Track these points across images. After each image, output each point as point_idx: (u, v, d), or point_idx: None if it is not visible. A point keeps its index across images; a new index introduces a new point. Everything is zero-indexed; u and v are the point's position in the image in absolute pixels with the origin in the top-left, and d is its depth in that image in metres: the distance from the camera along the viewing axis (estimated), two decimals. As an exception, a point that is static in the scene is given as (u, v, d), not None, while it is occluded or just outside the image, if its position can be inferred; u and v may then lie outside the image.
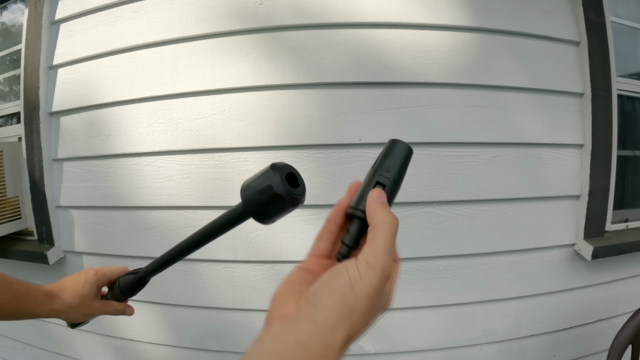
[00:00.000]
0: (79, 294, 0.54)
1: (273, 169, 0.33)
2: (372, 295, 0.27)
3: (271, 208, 0.34)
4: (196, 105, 1.22)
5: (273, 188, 0.32)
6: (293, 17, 1.16)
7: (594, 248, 1.23)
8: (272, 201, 0.33)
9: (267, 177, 0.33)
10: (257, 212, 0.35)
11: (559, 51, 1.25)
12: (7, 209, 1.49)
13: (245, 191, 0.35)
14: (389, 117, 1.17)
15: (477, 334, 1.28)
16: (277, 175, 0.32)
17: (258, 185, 0.33)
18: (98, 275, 0.56)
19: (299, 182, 0.35)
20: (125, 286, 0.56)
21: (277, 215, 0.35)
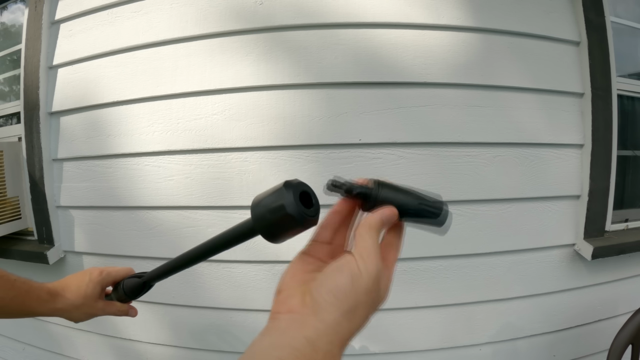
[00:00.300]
0: (83, 294, 0.54)
1: (286, 187, 0.31)
2: (372, 289, 0.29)
3: (282, 228, 0.32)
4: (196, 105, 1.22)
5: (285, 208, 0.31)
6: (293, 17, 1.16)
7: (594, 248, 1.23)
8: (284, 221, 0.31)
9: (279, 196, 0.31)
10: (267, 231, 0.33)
11: (559, 51, 1.25)
12: (7, 209, 1.49)
13: (256, 208, 0.33)
14: (389, 117, 1.17)
15: (477, 334, 1.28)
16: (291, 195, 0.31)
17: (270, 204, 0.32)
18: (102, 276, 0.56)
19: (313, 201, 0.34)
20: (130, 289, 0.56)
21: (288, 235, 0.33)
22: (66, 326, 1.47)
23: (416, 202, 0.32)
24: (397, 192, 0.32)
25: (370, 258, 0.29)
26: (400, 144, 1.18)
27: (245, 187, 1.20)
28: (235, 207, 1.22)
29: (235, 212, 1.22)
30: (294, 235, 0.33)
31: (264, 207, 0.32)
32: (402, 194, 0.32)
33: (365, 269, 0.28)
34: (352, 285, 0.28)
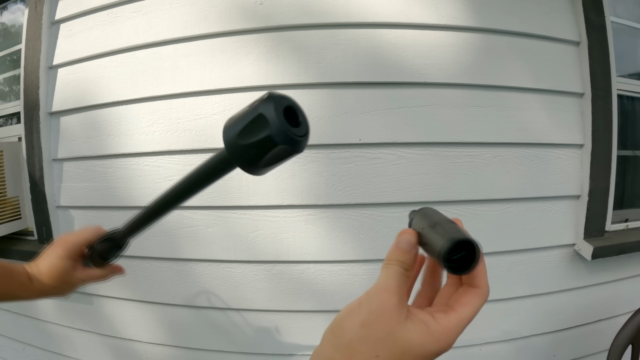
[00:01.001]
0: (57, 274, 0.52)
1: (267, 99, 0.25)
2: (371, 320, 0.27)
3: (262, 151, 0.24)
4: (196, 105, 1.22)
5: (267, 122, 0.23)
6: (293, 17, 1.16)
7: (594, 248, 1.23)
8: (264, 142, 0.24)
9: (257, 109, 0.24)
10: (244, 158, 0.26)
11: (559, 51, 1.25)
12: (7, 209, 1.49)
13: (228, 130, 0.26)
14: (390, 117, 1.17)
15: (477, 334, 1.28)
16: (271, 107, 0.24)
17: (245, 122, 0.24)
18: (68, 249, 0.52)
19: (300, 119, 0.26)
20: (104, 253, 0.52)
21: (271, 162, 0.26)
22: (66, 326, 1.47)
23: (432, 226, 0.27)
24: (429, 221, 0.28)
25: (374, 289, 0.28)
26: (400, 144, 1.18)
27: (245, 187, 1.20)
28: (234, 207, 1.22)
29: (235, 212, 1.22)
30: (278, 163, 0.26)
31: (236, 124, 0.25)
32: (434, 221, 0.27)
33: (366, 300, 0.27)
34: (346, 319, 0.27)
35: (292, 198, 1.18)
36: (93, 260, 0.54)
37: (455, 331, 0.28)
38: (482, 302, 0.29)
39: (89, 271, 0.54)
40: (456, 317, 0.28)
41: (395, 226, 1.21)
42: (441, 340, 0.27)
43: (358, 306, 0.27)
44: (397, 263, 0.29)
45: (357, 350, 0.26)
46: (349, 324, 0.27)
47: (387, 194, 1.17)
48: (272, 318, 1.26)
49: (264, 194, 1.20)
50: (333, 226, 1.20)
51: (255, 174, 0.27)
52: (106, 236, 0.52)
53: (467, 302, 0.29)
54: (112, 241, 0.51)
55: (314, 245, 1.20)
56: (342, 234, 1.19)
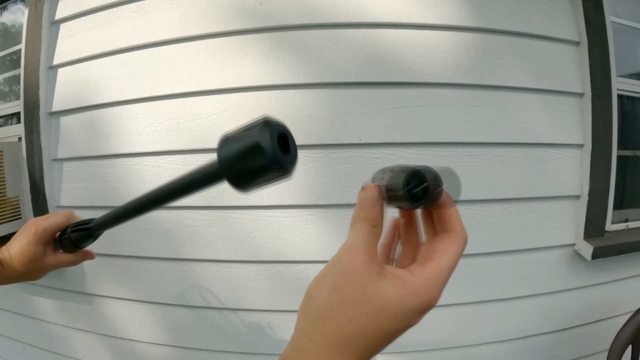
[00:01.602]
0: (27, 260, 0.52)
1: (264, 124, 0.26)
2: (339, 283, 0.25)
3: (253, 173, 0.26)
4: (196, 105, 1.22)
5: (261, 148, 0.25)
6: (293, 17, 1.16)
7: (594, 248, 1.23)
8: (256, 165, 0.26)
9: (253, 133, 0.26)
10: (234, 176, 0.28)
11: (559, 51, 1.25)
12: (7, 209, 1.49)
13: (224, 147, 0.27)
14: (390, 117, 1.17)
15: (477, 334, 1.28)
16: (267, 134, 0.26)
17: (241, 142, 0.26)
18: (39, 234, 0.52)
19: (290, 146, 0.28)
20: (77, 240, 0.52)
21: (259, 183, 0.28)
22: (66, 326, 1.47)
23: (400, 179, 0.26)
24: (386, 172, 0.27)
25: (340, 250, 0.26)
26: (400, 144, 1.18)
27: (245, 187, 1.20)
28: (234, 207, 1.22)
29: (235, 212, 1.22)
30: (265, 184, 0.28)
31: (233, 146, 0.27)
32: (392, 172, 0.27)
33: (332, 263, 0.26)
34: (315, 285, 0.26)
35: (292, 198, 1.18)
36: (64, 246, 0.53)
37: (437, 281, 0.26)
38: (460, 247, 0.28)
39: (59, 256, 0.54)
40: (434, 265, 0.26)
41: (395, 226, 1.20)
42: (422, 294, 0.25)
43: (325, 271, 0.26)
44: (362, 220, 0.27)
45: (329, 316, 0.24)
46: (318, 290, 0.26)
47: (387, 194, 1.16)
48: (272, 318, 1.26)
49: (264, 194, 1.20)
50: (333, 226, 1.20)
51: (242, 192, 0.29)
52: (80, 224, 0.52)
53: (444, 248, 0.27)
54: (87, 230, 0.51)
55: (314, 245, 1.20)
56: (342, 234, 1.19)
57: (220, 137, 0.28)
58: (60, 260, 0.54)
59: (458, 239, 0.28)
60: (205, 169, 0.31)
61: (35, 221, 0.53)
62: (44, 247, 0.53)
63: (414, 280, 0.25)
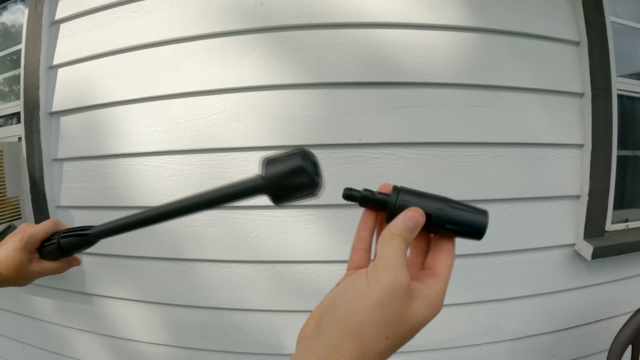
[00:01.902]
0: (12, 266, 0.51)
1: (304, 152, 0.33)
2: (384, 303, 0.25)
3: (295, 190, 0.33)
4: (196, 105, 1.22)
5: (305, 171, 0.32)
6: (293, 17, 1.16)
7: (594, 248, 1.23)
8: (299, 184, 0.32)
9: (297, 158, 0.32)
10: (278, 192, 0.33)
11: (559, 51, 1.24)
12: (7, 209, 1.49)
13: (271, 167, 0.33)
14: (389, 117, 1.17)
15: (477, 334, 1.28)
16: (309, 159, 0.33)
17: (286, 163, 0.33)
18: (25, 241, 0.51)
19: (319, 172, 0.35)
20: (68, 247, 0.51)
21: (295, 199, 0.34)
22: (66, 326, 1.47)
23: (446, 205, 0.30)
24: (421, 197, 0.30)
25: (384, 267, 0.26)
26: (400, 144, 1.18)
27: (245, 187, 1.20)
28: (235, 207, 1.22)
29: (235, 212, 1.22)
30: (298, 200, 0.34)
31: (279, 165, 0.33)
32: (428, 199, 0.30)
33: (376, 279, 0.26)
34: (355, 301, 0.25)
35: (292, 198, 1.18)
36: (45, 253, 0.52)
37: (444, 294, 0.29)
38: (453, 262, 0.30)
39: (44, 264, 0.53)
40: (442, 281, 0.29)
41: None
42: (437, 308, 0.28)
43: (367, 287, 0.26)
44: (402, 240, 0.28)
45: (368, 334, 0.25)
46: (359, 305, 0.25)
47: (387, 194, 1.16)
48: (272, 318, 1.26)
49: (264, 194, 1.20)
50: (333, 226, 1.20)
51: (278, 205, 0.34)
52: (75, 231, 0.51)
53: (446, 264, 0.30)
54: (83, 237, 0.49)
55: (314, 245, 1.20)
56: (342, 234, 1.19)
57: (263, 159, 0.34)
58: (44, 268, 0.53)
59: (453, 255, 0.30)
60: (248, 182, 0.35)
61: (24, 227, 0.53)
62: (29, 254, 0.52)
63: (432, 295, 0.28)
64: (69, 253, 0.52)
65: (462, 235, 0.31)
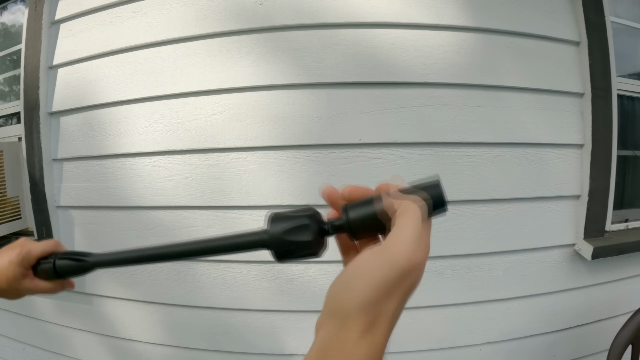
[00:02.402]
0: (4, 279, 0.50)
1: (311, 213, 0.34)
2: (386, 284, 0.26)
3: (297, 254, 0.33)
4: (196, 105, 1.22)
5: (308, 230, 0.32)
6: (293, 17, 1.16)
7: (594, 248, 1.23)
8: (303, 248, 0.33)
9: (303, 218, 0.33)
10: (281, 251, 0.34)
11: (559, 51, 1.24)
12: (7, 209, 1.49)
13: (276, 222, 0.34)
14: (389, 117, 1.17)
15: (476, 334, 1.28)
16: (314, 220, 0.33)
17: (291, 222, 0.33)
18: (22, 256, 0.50)
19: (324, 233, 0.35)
20: (64, 270, 0.49)
21: (294, 260, 0.34)
22: (66, 326, 1.47)
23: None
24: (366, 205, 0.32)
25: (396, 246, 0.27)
26: (400, 144, 1.18)
27: (245, 187, 1.20)
28: (234, 207, 1.22)
29: (235, 212, 1.22)
30: (300, 260, 0.34)
31: (284, 225, 0.33)
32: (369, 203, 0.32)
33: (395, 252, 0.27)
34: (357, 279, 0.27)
35: (292, 198, 1.18)
36: (39, 272, 0.51)
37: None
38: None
39: (37, 282, 0.51)
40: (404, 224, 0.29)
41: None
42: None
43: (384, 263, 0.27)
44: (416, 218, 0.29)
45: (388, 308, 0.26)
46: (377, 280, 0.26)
47: (387, 194, 1.16)
48: (272, 318, 1.26)
49: (264, 194, 1.20)
50: (333, 226, 1.19)
51: (280, 261, 0.34)
52: (73, 255, 0.49)
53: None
54: (80, 262, 0.47)
55: (314, 245, 1.20)
56: (342, 234, 1.19)
57: (269, 215, 0.35)
58: (36, 286, 0.51)
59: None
60: (252, 235, 0.36)
61: (23, 241, 0.52)
62: (24, 270, 0.51)
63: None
64: (63, 276, 0.50)
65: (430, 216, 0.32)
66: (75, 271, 0.48)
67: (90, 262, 0.46)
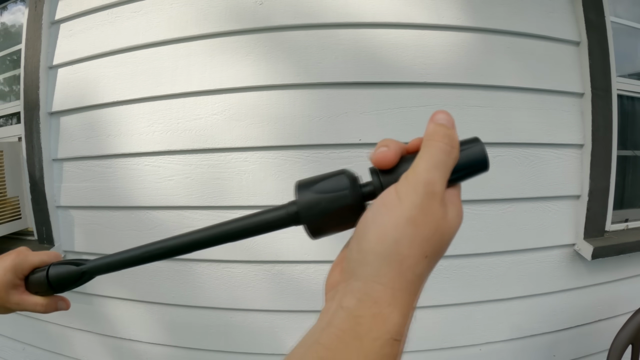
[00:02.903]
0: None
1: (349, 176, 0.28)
2: (418, 217, 0.22)
3: (336, 221, 0.28)
4: (196, 105, 1.22)
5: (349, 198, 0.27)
6: (293, 17, 1.16)
7: (594, 248, 1.23)
8: (342, 213, 0.27)
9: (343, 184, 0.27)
10: (317, 222, 0.28)
11: (559, 51, 1.24)
12: (7, 209, 1.49)
13: (308, 193, 0.28)
14: (389, 117, 1.17)
15: (477, 334, 1.28)
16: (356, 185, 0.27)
17: (331, 191, 0.27)
18: (16, 262, 0.43)
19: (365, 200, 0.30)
20: (58, 279, 0.42)
21: (334, 231, 0.29)
22: (66, 326, 1.47)
23: None
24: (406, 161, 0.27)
25: (413, 178, 0.23)
26: (400, 144, 1.18)
27: (245, 187, 1.20)
28: (235, 207, 1.22)
29: (235, 212, 1.21)
30: (337, 232, 0.29)
31: (321, 193, 0.27)
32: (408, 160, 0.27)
33: (406, 193, 0.23)
34: (388, 220, 0.22)
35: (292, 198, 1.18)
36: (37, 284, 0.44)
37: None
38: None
39: (26, 295, 0.45)
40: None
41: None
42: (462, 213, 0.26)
43: (397, 201, 0.23)
44: (437, 143, 0.25)
45: (407, 255, 0.22)
46: (391, 222, 0.22)
47: (387, 194, 1.17)
48: (272, 318, 1.26)
49: (264, 194, 1.20)
50: (333, 226, 1.19)
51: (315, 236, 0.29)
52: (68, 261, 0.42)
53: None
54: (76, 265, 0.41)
55: (314, 245, 1.20)
56: (342, 233, 1.19)
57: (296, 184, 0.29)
58: (24, 300, 0.44)
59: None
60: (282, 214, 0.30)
61: (21, 249, 0.46)
62: (16, 278, 0.44)
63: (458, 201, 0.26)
64: (56, 288, 0.43)
65: (470, 176, 0.29)
66: (70, 278, 0.41)
67: (88, 267, 0.40)
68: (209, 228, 0.33)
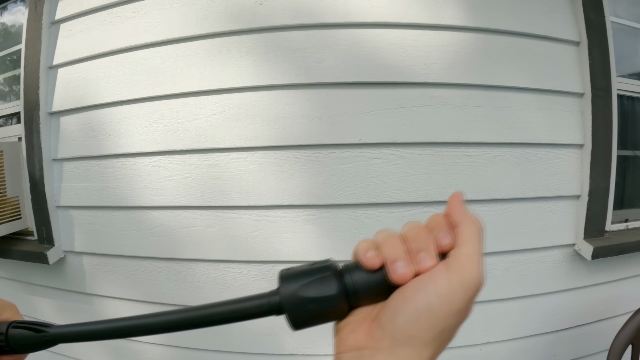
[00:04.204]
0: None
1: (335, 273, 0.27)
2: (464, 310, 0.23)
3: (318, 320, 0.27)
4: (196, 105, 1.22)
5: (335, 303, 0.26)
6: (293, 17, 1.16)
7: (594, 248, 1.23)
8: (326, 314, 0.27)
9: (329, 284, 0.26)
10: (299, 319, 0.28)
11: (559, 51, 1.24)
12: (7, 209, 1.49)
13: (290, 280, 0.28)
14: (389, 117, 1.17)
15: (477, 334, 1.28)
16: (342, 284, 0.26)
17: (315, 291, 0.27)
18: None
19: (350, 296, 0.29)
20: (17, 340, 0.36)
21: (314, 325, 0.28)
22: (66, 326, 1.47)
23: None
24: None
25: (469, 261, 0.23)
26: (400, 144, 1.18)
27: (245, 187, 1.20)
28: (235, 207, 1.22)
29: (235, 212, 1.22)
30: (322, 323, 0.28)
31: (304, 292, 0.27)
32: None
33: (462, 283, 0.23)
34: (439, 307, 0.23)
35: (292, 198, 1.18)
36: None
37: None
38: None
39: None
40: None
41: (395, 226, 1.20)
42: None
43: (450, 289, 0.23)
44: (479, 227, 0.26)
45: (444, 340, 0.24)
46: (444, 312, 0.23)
47: (387, 194, 1.17)
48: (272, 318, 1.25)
49: (263, 194, 1.20)
50: (333, 226, 1.20)
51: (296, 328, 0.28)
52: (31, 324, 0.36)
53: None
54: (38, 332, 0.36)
55: (314, 245, 1.20)
56: (342, 234, 1.19)
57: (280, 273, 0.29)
58: None
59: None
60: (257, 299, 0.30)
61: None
62: None
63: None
64: (16, 349, 0.36)
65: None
66: (30, 343, 0.36)
67: (52, 333, 0.35)
68: (187, 310, 0.31)
